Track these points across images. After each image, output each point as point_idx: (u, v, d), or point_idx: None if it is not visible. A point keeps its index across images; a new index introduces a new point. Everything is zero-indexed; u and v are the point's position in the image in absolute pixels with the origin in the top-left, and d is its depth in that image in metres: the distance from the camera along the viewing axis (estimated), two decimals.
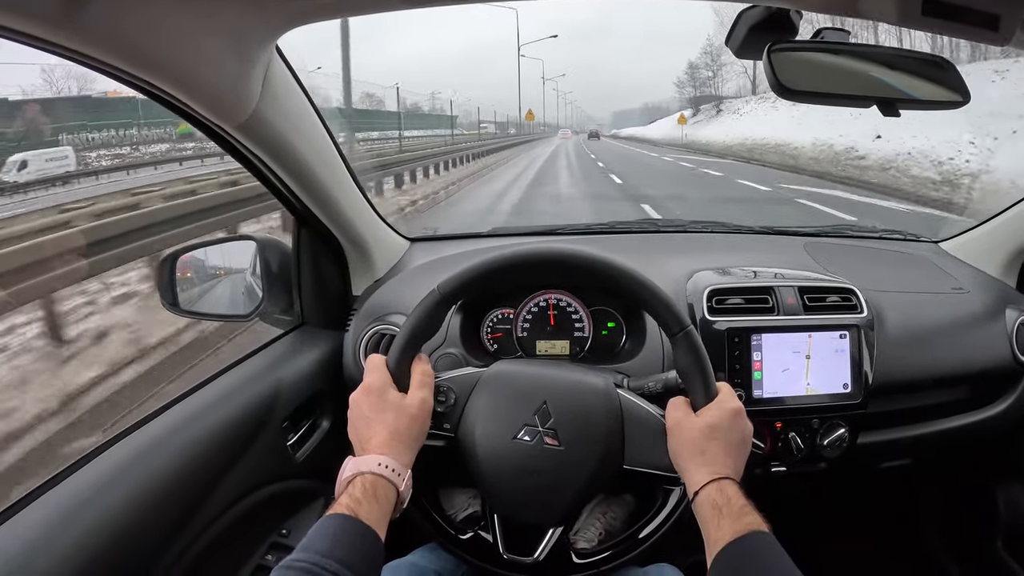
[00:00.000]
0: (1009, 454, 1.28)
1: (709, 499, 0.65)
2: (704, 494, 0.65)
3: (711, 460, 0.68)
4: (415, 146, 20.10)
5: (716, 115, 33.02)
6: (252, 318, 1.10)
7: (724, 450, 0.68)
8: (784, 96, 0.70)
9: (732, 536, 0.61)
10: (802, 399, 1.00)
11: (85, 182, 16.13)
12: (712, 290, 1.04)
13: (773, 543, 0.61)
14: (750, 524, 0.61)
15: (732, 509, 0.63)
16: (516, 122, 66.84)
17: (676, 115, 40.20)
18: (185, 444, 0.78)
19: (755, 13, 0.73)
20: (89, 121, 28.36)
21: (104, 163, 23.13)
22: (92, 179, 17.06)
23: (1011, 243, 1.23)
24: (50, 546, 0.61)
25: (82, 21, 0.51)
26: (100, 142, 28.21)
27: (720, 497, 0.64)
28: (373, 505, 0.62)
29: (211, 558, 0.79)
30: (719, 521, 0.63)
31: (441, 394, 0.76)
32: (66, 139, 25.22)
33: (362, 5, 0.65)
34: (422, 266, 1.20)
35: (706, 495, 0.65)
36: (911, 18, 0.63)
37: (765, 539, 0.61)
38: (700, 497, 0.66)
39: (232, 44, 0.65)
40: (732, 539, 0.61)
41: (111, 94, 29.80)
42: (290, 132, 0.83)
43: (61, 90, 31.32)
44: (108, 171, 18.94)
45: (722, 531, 0.62)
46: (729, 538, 0.61)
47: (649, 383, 0.81)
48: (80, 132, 27.40)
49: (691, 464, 0.68)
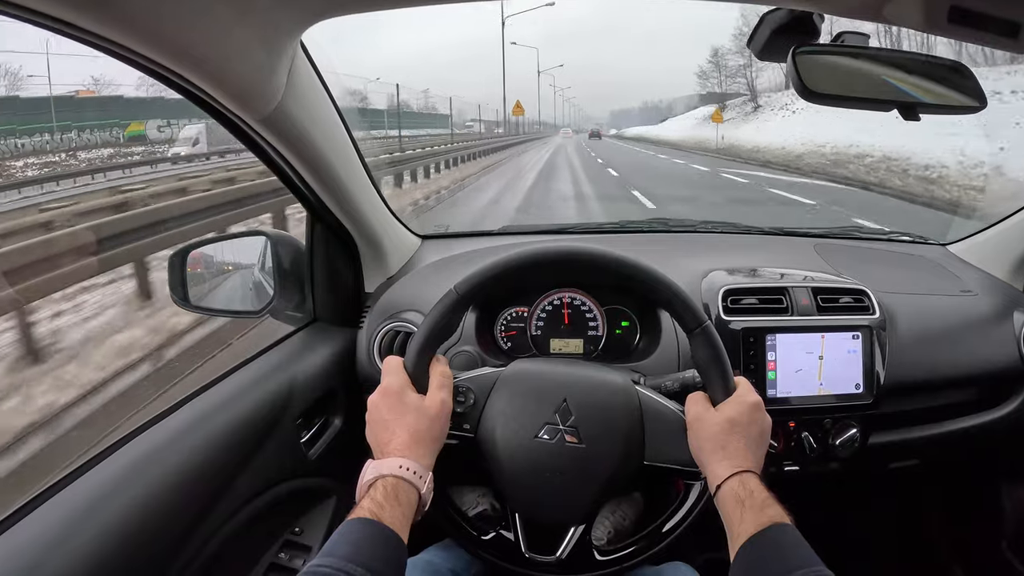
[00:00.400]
0: (1016, 455, 1.30)
1: (732, 493, 0.65)
2: (727, 487, 0.66)
3: (732, 454, 0.68)
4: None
5: (753, 112, 26.47)
6: (263, 314, 1.09)
7: (745, 444, 0.69)
8: (809, 99, 0.70)
9: (755, 529, 0.61)
10: (815, 399, 1.01)
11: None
12: (727, 290, 1.04)
13: (795, 535, 0.61)
14: (773, 517, 0.62)
15: (755, 502, 0.63)
16: (508, 120, 61.36)
17: (699, 111, 34.11)
18: (199, 442, 0.78)
19: (779, 16, 0.73)
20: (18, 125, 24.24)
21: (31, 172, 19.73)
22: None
23: (1019, 246, 1.24)
24: (65, 545, 0.61)
25: (119, 8, 0.51)
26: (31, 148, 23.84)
27: (743, 490, 0.65)
28: (395, 508, 0.62)
29: (225, 556, 0.79)
30: (742, 514, 0.63)
31: (460, 394, 0.76)
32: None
33: (379, 1, 0.65)
34: (435, 264, 1.20)
35: (729, 489, 0.66)
36: (937, 25, 0.64)
37: (788, 531, 0.61)
38: (723, 491, 0.66)
39: (262, 35, 0.66)
40: (755, 532, 0.61)
41: (83, 93, 27.45)
42: (311, 127, 0.83)
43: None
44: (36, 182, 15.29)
45: (745, 524, 0.62)
46: (752, 531, 0.61)
47: (667, 382, 0.82)
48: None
49: (713, 458, 0.69)
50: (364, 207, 1.04)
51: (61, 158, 23.35)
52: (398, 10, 0.71)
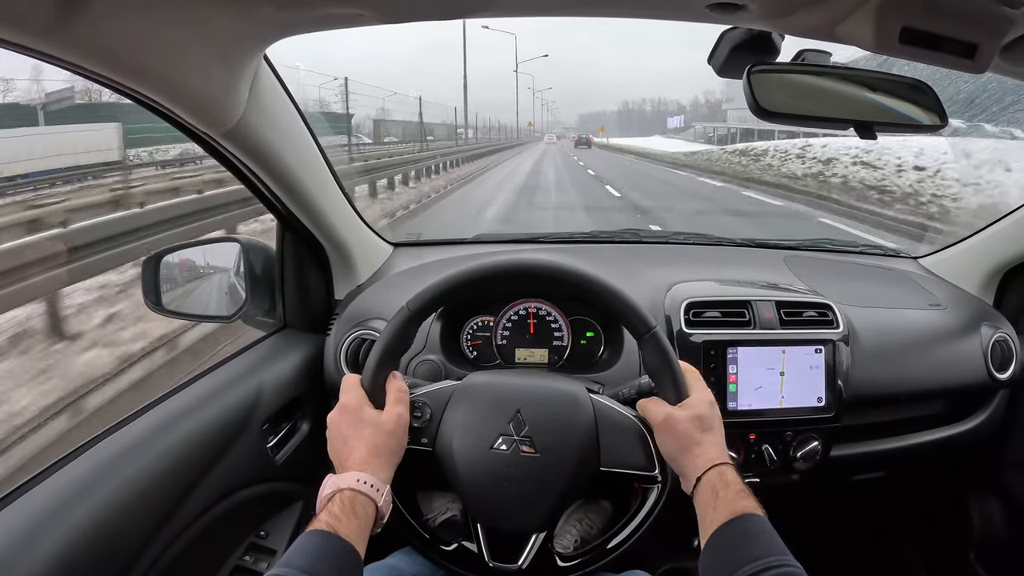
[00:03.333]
0: (982, 468, 1.31)
1: (710, 484, 0.67)
2: (705, 480, 0.68)
3: (708, 448, 0.70)
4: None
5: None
6: (234, 319, 1.10)
7: (716, 438, 0.71)
8: (762, 117, 0.71)
9: (727, 517, 0.63)
10: (776, 412, 1.01)
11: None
12: (690, 303, 1.05)
13: (766, 525, 0.62)
14: (746, 507, 0.63)
15: (730, 492, 0.65)
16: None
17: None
18: (166, 445, 0.79)
19: (737, 34, 0.74)
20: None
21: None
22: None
23: (989, 261, 1.25)
24: (29, 545, 0.61)
25: (73, 32, 0.52)
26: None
27: (719, 481, 0.66)
28: (352, 521, 0.63)
29: (190, 559, 0.80)
30: (716, 504, 0.64)
31: (417, 409, 0.77)
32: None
33: (347, 19, 0.65)
34: (404, 272, 1.20)
35: (707, 481, 0.67)
36: (888, 46, 0.65)
37: (759, 521, 0.62)
38: (701, 483, 0.68)
39: (221, 54, 0.66)
40: (726, 520, 0.62)
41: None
42: (276, 139, 0.84)
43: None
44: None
45: (718, 512, 0.64)
46: (724, 519, 0.63)
47: (623, 389, 0.83)
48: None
49: (688, 455, 0.70)
50: (333, 216, 1.05)
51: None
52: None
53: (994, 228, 1.25)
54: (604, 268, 0.78)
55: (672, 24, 0.71)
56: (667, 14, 0.69)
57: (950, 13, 0.62)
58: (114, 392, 3.07)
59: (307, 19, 0.65)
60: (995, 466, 1.29)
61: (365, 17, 0.63)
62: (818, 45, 0.76)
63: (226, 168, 0.87)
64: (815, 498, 1.41)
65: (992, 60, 0.65)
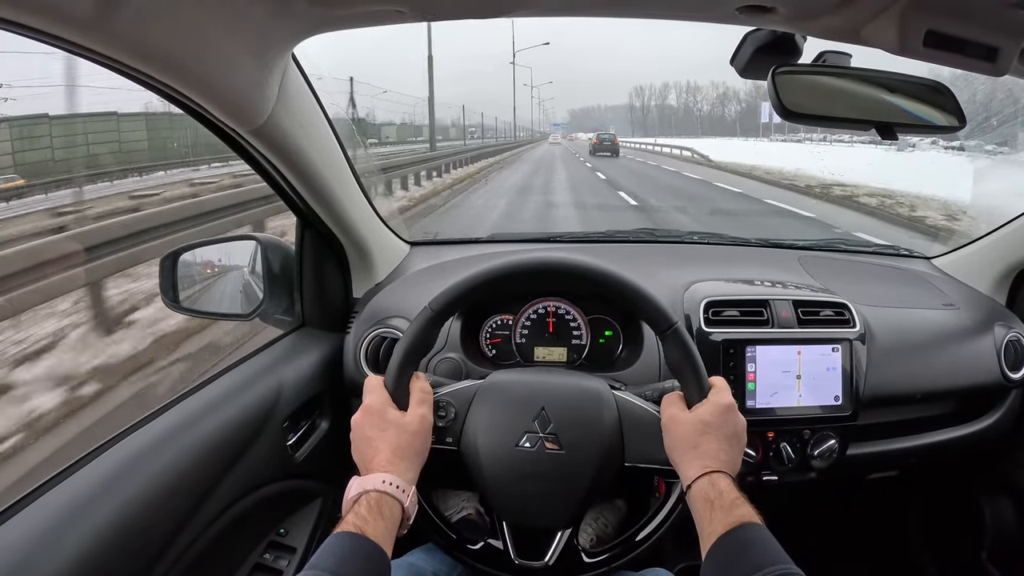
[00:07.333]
0: (995, 468, 1.31)
1: (701, 493, 0.67)
2: (696, 487, 0.67)
3: (703, 454, 0.69)
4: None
5: None
6: (252, 318, 1.10)
7: (717, 444, 0.70)
8: (787, 118, 0.72)
9: (724, 528, 0.63)
10: (794, 410, 1.02)
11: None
12: (709, 301, 1.06)
13: (764, 533, 0.62)
14: (742, 516, 0.63)
15: (724, 502, 0.65)
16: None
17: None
18: (188, 442, 0.79)
19: (761, 35, 0.75)
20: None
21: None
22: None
23: (1002, 261, 1.26)
24: (52, 545, 0.61)
25: (113, 26, 0.52)
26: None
27: (712, 490, 0.66)
28: (379, 522, 0.64)
29: (211, 556, 0.80)
30: (711, 514, 0.64)
31: (441, 409, 0.77)
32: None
33: (379, 17, 0.66)
34: (422, 271, 1.21)
35: (698, 488, 0.67)
36: (913, 49, 0.65)
37: (757, 530, 0.62)
38: (693, 491, 0.68)
39: (254, 50, 0.67)
40: (724, 531, 0.62)
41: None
42: (302, 137, 0.84)
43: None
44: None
45: (715, 524, 0.63)
46: (722, 531, 0.63)
47: (646, 391, 0.83)
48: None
49: (684, 458, 0.70)
50: (353, 215, 1.05)
51: None
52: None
53: (1007, 229, 1.26)
54: (621, 267, 0.78)
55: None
56: (698, 16, 0.70)
57: (974, 16, 0.63)
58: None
59: (344, 16, 0.66)
60: (1008, 466, 1.29)
61: (405, 15, 0.64)
62: (840, 47, 0.78)
63: (250, 165, 0.88)
64: (828, 497, 1.41)
65: (1012, 63, 0.66)
